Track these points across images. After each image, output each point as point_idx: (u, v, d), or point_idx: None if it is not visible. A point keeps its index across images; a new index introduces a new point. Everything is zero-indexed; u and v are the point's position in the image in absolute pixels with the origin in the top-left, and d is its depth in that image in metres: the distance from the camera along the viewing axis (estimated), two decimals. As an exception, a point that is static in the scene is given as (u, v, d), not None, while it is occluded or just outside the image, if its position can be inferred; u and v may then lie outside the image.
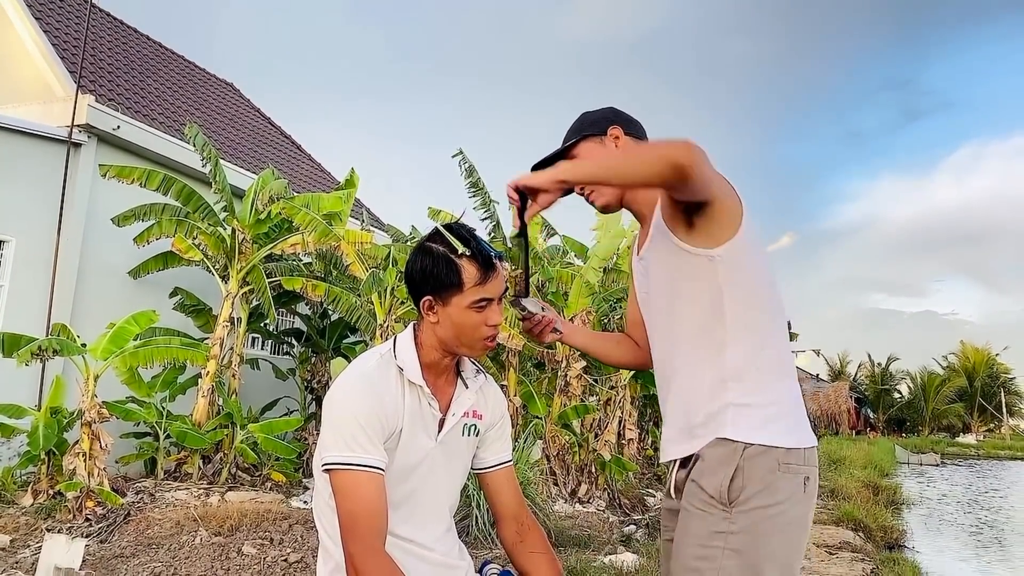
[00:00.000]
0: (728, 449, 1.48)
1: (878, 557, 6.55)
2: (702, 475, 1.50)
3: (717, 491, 1.46)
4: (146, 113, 9.42)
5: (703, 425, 1.53)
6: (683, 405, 1.58)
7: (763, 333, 1.54)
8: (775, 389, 1.53)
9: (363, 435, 1.46)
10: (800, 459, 1.49)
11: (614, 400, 8.67)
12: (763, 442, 1.47)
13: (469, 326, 1.55)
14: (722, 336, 1.52)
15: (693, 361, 1.56)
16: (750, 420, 1.49)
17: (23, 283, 7.53)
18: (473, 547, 5.24)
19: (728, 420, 1.49)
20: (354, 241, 8.07)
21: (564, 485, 8.01)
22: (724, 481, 1.45)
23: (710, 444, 1.50)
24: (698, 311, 1.54)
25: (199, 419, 7.43)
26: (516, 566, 1.72)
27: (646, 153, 1.44)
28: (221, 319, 7.92)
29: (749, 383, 1.51)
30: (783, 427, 1.50)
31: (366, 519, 1.41)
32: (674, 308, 1.58)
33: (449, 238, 1.55)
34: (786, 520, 1.46)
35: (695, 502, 1.50)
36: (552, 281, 8.71)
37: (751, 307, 1.53)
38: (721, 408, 1.50)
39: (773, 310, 1.57)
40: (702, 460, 1.51)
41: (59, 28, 9.73)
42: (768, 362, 1.53)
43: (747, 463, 1.45)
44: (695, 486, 1.50)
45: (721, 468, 1.47)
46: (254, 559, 4.90)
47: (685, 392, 1.57)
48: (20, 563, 4.60)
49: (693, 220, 1.50)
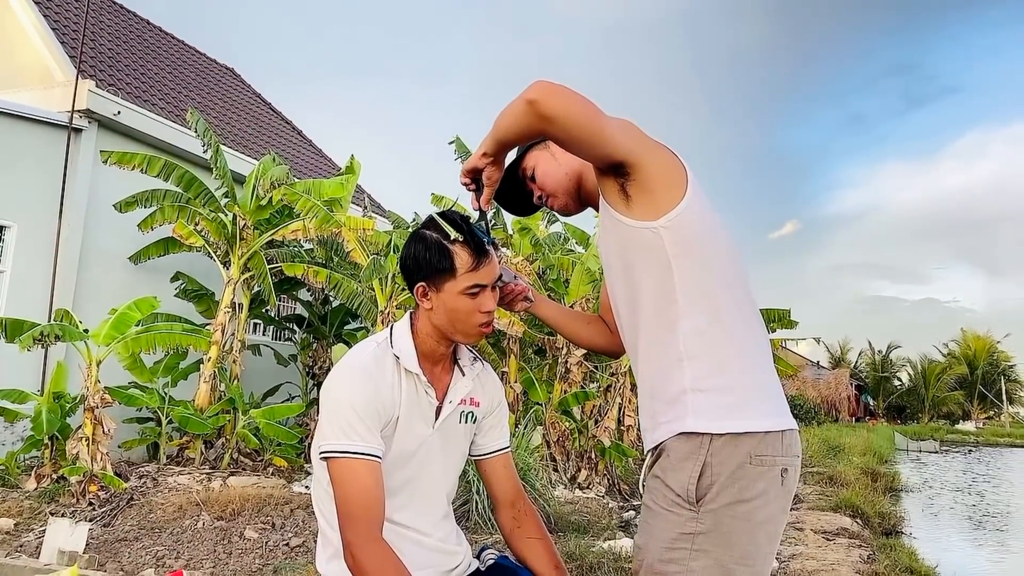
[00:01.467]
0: (693, 443, 1.36)
1: (875, 543, 6.59)
2: (666, 471, 1.39)
3: (683, 489, 1.35)
4: (147, 98, 9.40)
5: (664, 413, 1.43)
6: (648, 392, 1.48)
7: (717, 307, 1.41)
8: (736, 368, 1.40)
9: (360, 423, 1.47)
10: (776, 448, 1.37)
11: (614, 387, 8.70)
12: (730, 430, 1.34)
13: (463, 312, 1.55)
14: (675, 313, 1.41)
15: (651, 342, 1.46)
16: (712, 407, 1.37)
17: (25, 269, 7.55)
18: (473, 532, 5.28)
19: (688, 409, 1.38)
20: (355, 227, 8.08)
21: (564, 471, 8.06)
22: (691, 478, 1.34)
23: (675, 438, 1.39)
24: (651, 289, 1.44)
25: (201, 404, 7.48)
26: (513, 551, 1.74)
27: (515, 102, 1.38)
28: (223, 305, 7.94)
29: (705, 362, 1.39)
30: (751, 411, 1.37)
31: (363, 506, 1.43)
32: (630, 289, 1.50)
33: (442, 224, 1.56)
34: (760, 518, 1.35)
35: (659, 500, 1.39)
36: (553, 268, 8.72)
37: (702, 281, 1.41)
38: (679, 393, 1.40)
39: (731, 282, 1.45)
40: (666, 455, 1.41)
41: (59, 13, 9.69)
42: (724, 338, 1.41)
43: (714, 457, 1.34)
44: (659, 483, 1.40)
45: (686, 464, 1.36)
46: (256, 543, 4.95)
47: (647, 378, 1.48)
48: (24, 547, 4.64)
49: (627, 191, 1.42)
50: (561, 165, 1.65)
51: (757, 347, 1.46)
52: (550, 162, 1.66)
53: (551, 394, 8.30)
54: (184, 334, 6.78)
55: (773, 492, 1.36)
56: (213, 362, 7.65)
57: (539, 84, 1.34)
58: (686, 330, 1.40)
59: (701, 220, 1.44)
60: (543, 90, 1.33)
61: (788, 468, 1.39)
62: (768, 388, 1.44)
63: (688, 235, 1.42)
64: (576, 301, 8.15)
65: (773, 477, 1.36)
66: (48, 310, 7.54)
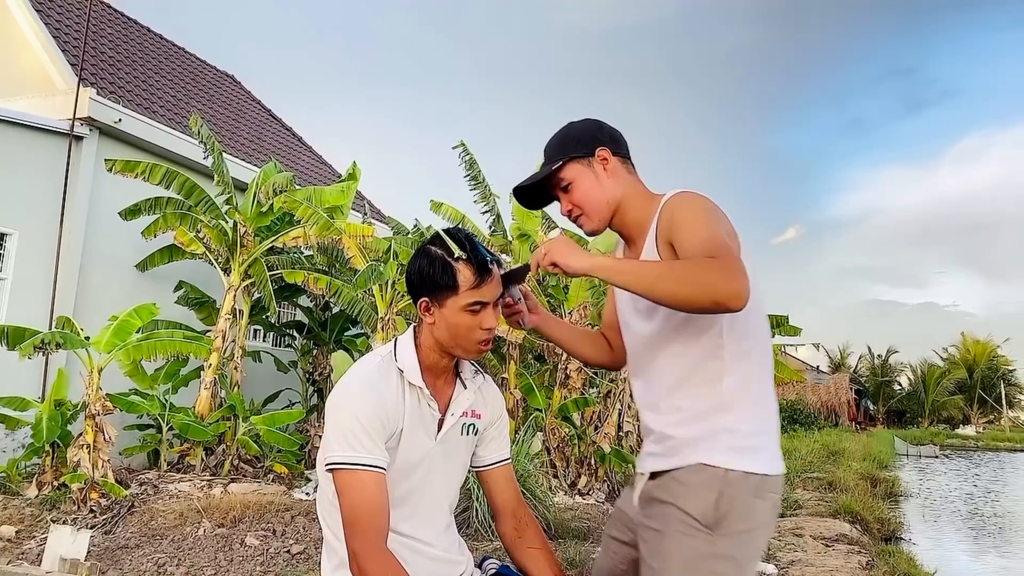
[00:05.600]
0: (711, 473, 1.50)
1: (875, 549, 6.60)
2: (680, 498, 1.51)
3: (702, 514, 1.48)
4: (147, 106, 9.44)
5: (688, 445, 1.55)
6: (672, 426, 1.59)
7: (757, 366, 1.58)
8: (760, 417, 1.57)
9: (365, 435, 1.50)
10: (775, 487, 1.55)
11: (614, 393, 8.72)
12: (746, 469, 1.50)
13: (464, 328, 1.58)
14: (719, 369, 1.55)
15: (688, 387, 1.58)
16: (737, 447, 1.52)
17: (26, 276, 7.58)
18: (474, 539, 5.29)
19: (717, 446, 1.52)
20: (356, 234, 8.10)
21: (564, 477, 8.07)
22: (708, 505, 1.48)
23: (690, 468, 1.53)
24: (696, 341, 1.56)
25: (202, 411, 7.49)
26: (514, 561, 1.76)
27: (691, 277, 1.38)
28: (223, 312, 7.96)
29: (738, 412, 1.54)
30: (765, 456, 1.54)
31: (368, 517, 1.46)
32: (668, 334, 1.60)
33: (447, 241, 1.59)
34: (757, 544, 1.56)
35: (674, 524, 1.50)
36: (552, 275, 8.72)
37: (746, 345, 1.56)
38: (712, 433, 1.53)
39: (764, 342, 1.61)
40: (680, 483, 1.53)
41: (60, 21, 9.73)
42: (759, 394, 1.58)
43: (729, 488, 1.49)
44: (673, 508, 1.51)
45: (704, 491, 1.49)
46: (257, 550, 4.96)
47: (677, 413, 1.59)
48: (26, 554, 4.66)
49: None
50: (605, 191, 1.65)
51: (772, 396, 1.63)
52: (593, 183, 1.65)
53: (551, 400, 8.31)
54: (185, 341, 6.80)
55: (768, 521, 1.56)
56: (214, 369, 7.67)
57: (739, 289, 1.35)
58: (729, 386, 1.55)
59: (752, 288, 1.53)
60: (743, 296, 1.35)
61: (776, 503, 1.58)
62: (774, 436, 1.62)
63: None
64: (575, 308, 8.17)
65: (768, 508, 1.54)
66: (49, 317, 7.56)
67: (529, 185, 1.71)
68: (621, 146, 1.69)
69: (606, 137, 1.68)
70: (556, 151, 1.68)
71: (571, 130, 1.70)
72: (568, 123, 1.73)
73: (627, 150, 1.71)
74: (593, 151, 1.65)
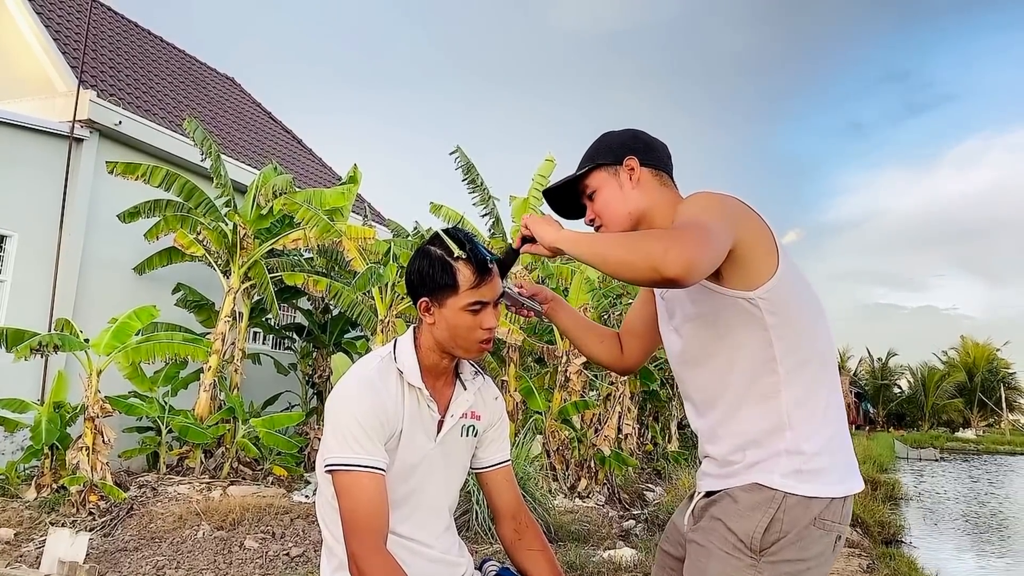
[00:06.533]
0: (766, 495, 1.42)
1: (875, 552, 6.59)
2: (730, 516, 1.44)
3: (748, 536, 1.40)
4: (147, 108, 9.44)
5: (746, 466, 1.47)
6: (732, 453, 1.51)
7: (817, 375, 1.48)
8: (824, 436, 1.46)
9: (364, 436, 1.50)
10: (837, 515, 1.44)
11: (614, 395, 8.71)
12: (805, 494, 1.41)
13: (464, 328, 1.58)
14: (775, 383, 1.46)
15: (744, 408, 1.49)
16: (796, 469, 1.42)
17: (26, 278, 7.57)
18: (473, 542, 5.28)
19: (775, 467, 1.43)
20: (356, 237, 8.10)
21: (564, 480, 8.06)
22: (758, 528, 1.40)
23: (746, 487, 1.45)
24: (749, 356, 1.47)
25: (201, 414, 7.48)
26: (514, 563, 1.76)
27: (638, 244, 1.31)
28: (223, 314, 7.95)
29: (800, 429, 1.44)
30: (828, 478, 1.44)
31: (368, 518, 1.45)
32: (717, 349, 1.51)
33: (447, 241, 1.59)
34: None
35: (718, 541, 1.44)
36: (552, 277, 8.74)
37: (800, 352, 1.46)
38: (772, 454, 1.44)
39: (824, 350, 1.51)
40: (733, 500, 1.45)
41: (60, 23, 9.74)
42: (822, 407, 1.47)
43: (785, 514, 1.40)
44: (721, 525, 1.44)
45: (755, 513, 1.41)
46: (256, 553, 4.95)
47: (734, 439, 1.51)
48: (24, 557, 4.65)
49: (720, 269, 1.41)
50: (627, 202, 1.60)
51: (839, 409, 1.52)
52: (616, 193, 1.61)
53: (551, 403, 8.30)
54: (184, 343, 6.79)
55: (826, 556, 1.44)
56: (213, 371, 7.66)
57: (680, 252, 1.24)
58: (787, 400, 1.45)
59: (794, 289, 1.47)
60: (685, 262, 1.24)
61: (841, 535, 1.46)
62: (845, 451, 1.50)
63: (784, 306, 1.45)
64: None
65: (829, 542, 1.43)
66: (48, 319, 7.56)
67: (562, 194, 1.69)
68: (654, 155, 1.63)
69: (640, 146, 1.63)
70: (586, 158, 1.66)
71: (605, 138, 1.67)
72: (606, 131, 1.69)
73: (663, 161, 1.64)
74: (621, 159, 1.61)
